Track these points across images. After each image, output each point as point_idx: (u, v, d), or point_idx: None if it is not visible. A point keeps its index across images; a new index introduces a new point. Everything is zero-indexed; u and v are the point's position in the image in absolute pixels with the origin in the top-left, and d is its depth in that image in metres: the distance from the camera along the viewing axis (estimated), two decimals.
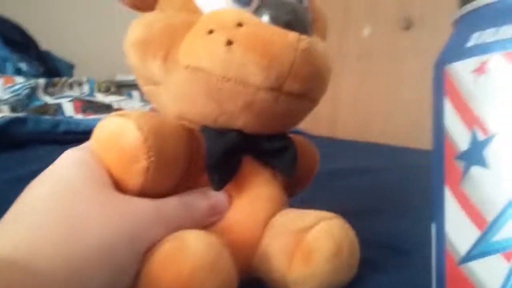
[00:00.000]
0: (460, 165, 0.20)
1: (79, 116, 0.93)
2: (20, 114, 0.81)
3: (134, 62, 0.33)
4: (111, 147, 0.28)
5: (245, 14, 0.31)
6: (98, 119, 0.30)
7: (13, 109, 0.91)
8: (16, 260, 0.21)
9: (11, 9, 1.34)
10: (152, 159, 0.27)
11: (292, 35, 0.30)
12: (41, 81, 1.05)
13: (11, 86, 1.02)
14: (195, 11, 0.32)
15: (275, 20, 0.30)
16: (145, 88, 0.35)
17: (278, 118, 0.33)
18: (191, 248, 0.25)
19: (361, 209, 0.50)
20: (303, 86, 0.31)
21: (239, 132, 0.32)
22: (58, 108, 0.96)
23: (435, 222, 0.22)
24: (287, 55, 0.29)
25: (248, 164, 0.33)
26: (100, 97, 1.09)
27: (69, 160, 0.29)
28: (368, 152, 1.07)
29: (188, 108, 0.32)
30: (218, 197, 0.32)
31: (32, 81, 1.03)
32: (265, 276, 0.31)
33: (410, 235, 0.43)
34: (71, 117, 0.93)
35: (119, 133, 0.28)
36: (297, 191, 0.41)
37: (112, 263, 0.24)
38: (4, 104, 0.92)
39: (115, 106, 1.05)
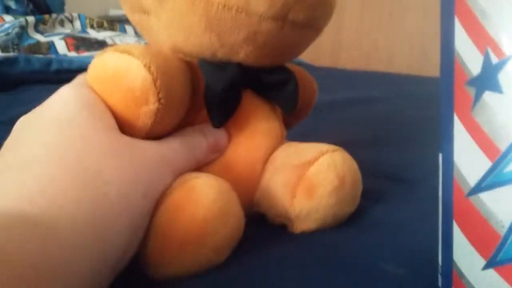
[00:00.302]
0: (471, 91, 0.19)
1: (73, 54, 0.91)
2: (11, 54, 0.79)
3: None
4: (116, 87, 0.26)
5: None
6: (92, 56, 0.28)
7: (4, 48, 0.89)
8: (28, 215, 0.19)
9: None
10: (162, 100, 0.26)
11: None
12: (31, 19, 1.02)
13: (1, 25, 0.99)
14: None
15: None
16: (133, 17, 0.32)
17: (282, 50, 0.31)
18: (202, 196, 0.25)
19: (363, 139, 0.50)
20: (309, 15, 0.29)
21: (239, 65, 0.30)
22: (50, 46, 0.94)
23: (443, 152, 0.21)
24: None
25: (247, 99, 0.32)
26: (93, 33, 1.06)
27: (72, 100, 0.26)
28: (372, 81, 1.05)
29: (184, 40, 0.30)
30: (217, 134, 0.31)
31: (22, 19, 1.00)
32: (268, 211, 0.31)
33: (415, 165, 0.43)
34: (64, 55, 0.90)
35: (124, 73, 0.25)
36: (296, 123, 0.40)
37: (131, 216, 0.23)
38: None
39: (109, 42, 1.02)
